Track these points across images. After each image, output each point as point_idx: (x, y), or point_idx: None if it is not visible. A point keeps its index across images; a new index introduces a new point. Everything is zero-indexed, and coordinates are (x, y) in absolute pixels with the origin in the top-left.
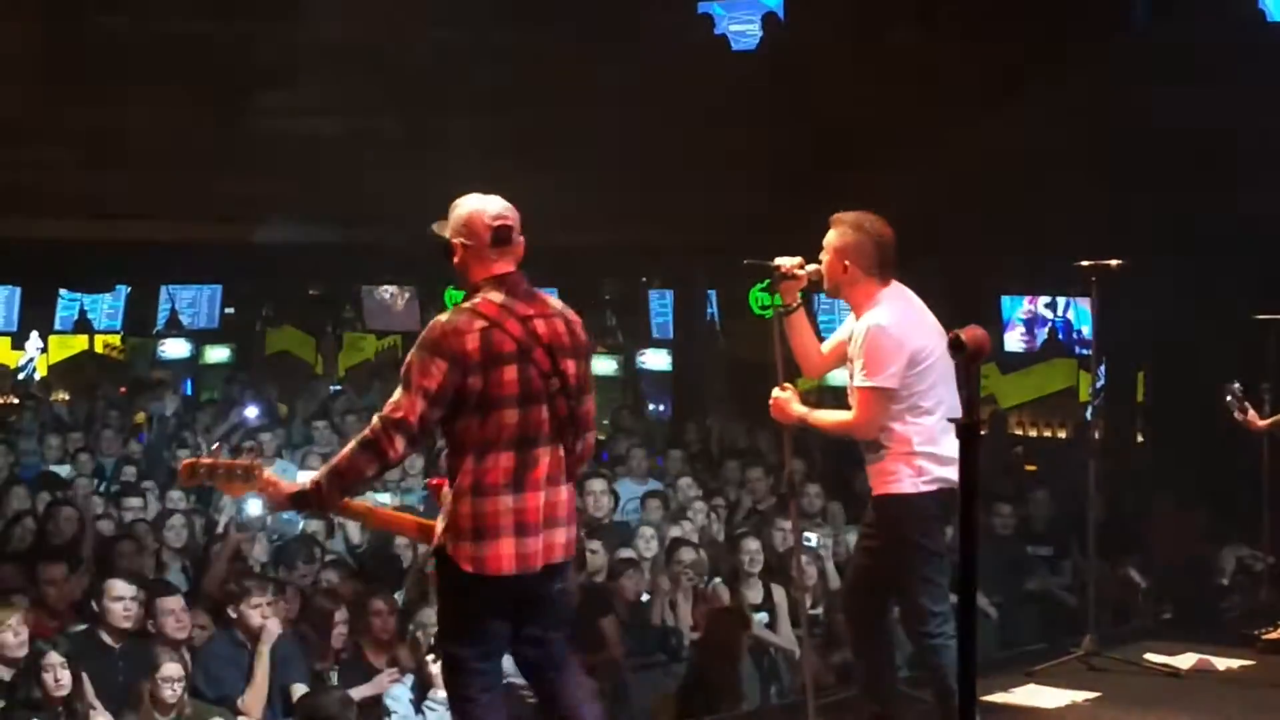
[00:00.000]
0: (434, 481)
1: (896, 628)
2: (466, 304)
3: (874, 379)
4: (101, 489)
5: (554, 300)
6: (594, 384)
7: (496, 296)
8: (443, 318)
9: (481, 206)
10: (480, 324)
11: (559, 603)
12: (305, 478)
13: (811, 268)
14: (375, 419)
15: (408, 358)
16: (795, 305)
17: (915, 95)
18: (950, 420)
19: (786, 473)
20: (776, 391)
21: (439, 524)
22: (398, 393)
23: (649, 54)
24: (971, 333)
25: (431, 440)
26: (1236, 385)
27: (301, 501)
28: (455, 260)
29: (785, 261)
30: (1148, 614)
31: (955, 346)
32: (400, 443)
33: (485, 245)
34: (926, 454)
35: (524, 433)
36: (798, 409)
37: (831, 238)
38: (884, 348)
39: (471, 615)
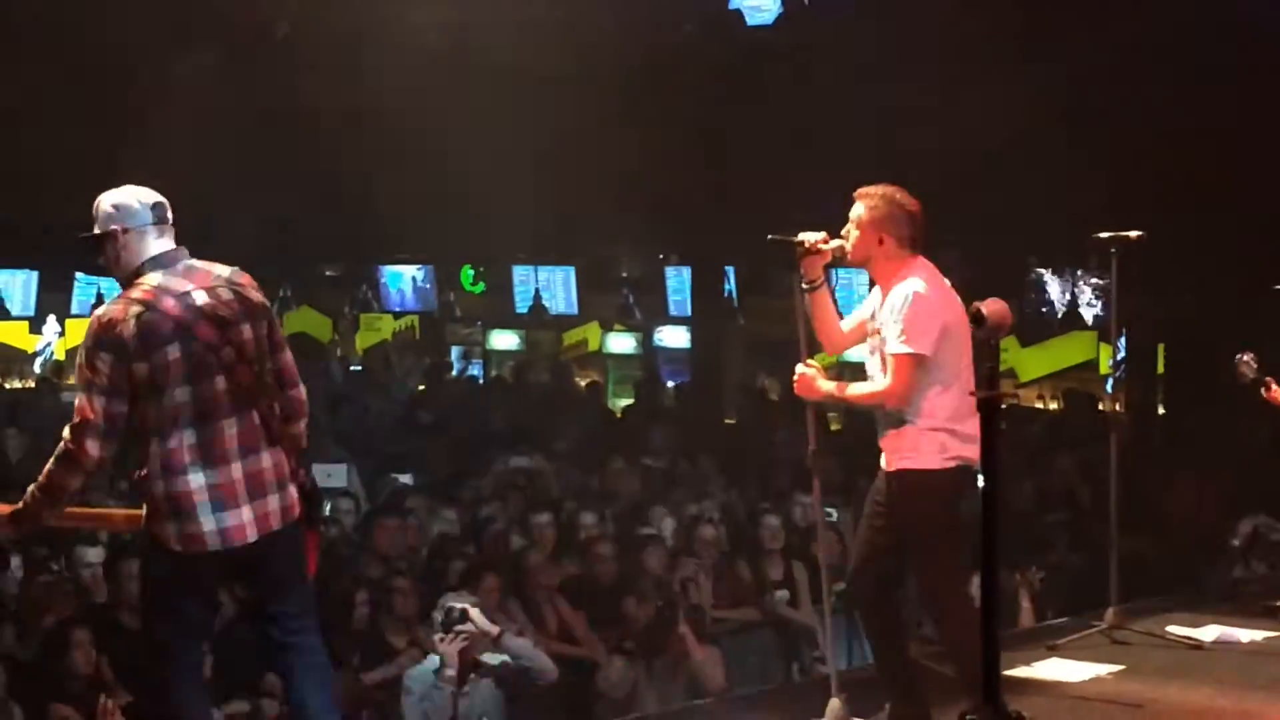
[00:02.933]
0: (135, 475)
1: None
2: (126, 291)
3: (913, 345)
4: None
5: (219, 268)
6: (284, 342)
7: (154, 278)
8: (100, 310)
9: (129, 191)
10: (135, 309)
11: (286, 572)
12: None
13: (835, 243)
14: (64, 430)
15: (77, 359)
16: (819, 281)
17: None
18: (972, 394)
19: (810, 449)
20: (801, 367)
21: (143, 510)
22: (77, 397)
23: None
24: (993, 305)
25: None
26: (1249, 356)
27: (17, 520)
28: (115, 250)
29: (809, 237)
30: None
31: (976, 319)
32: (91, 444)
33: (147, 225)
34: (949, 430)
35: (201, 408)
36: (824, 385)
37: (861, 211)
38: (924, 314)
39: (178, 594)
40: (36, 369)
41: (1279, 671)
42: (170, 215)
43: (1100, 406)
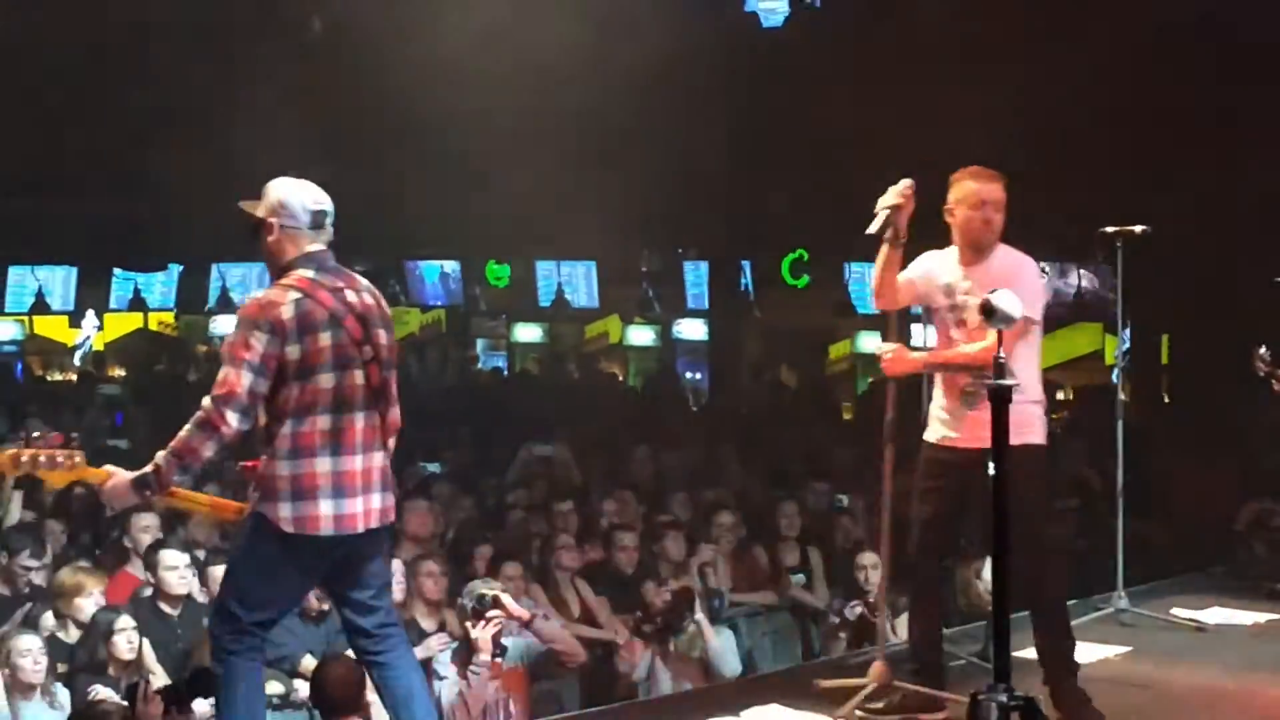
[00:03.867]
0: (247, 465)
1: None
2: (280, 280)
3: (1031, 310)
4: None
5: (361, 277)
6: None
7: (308, 272)
8: (257, 293)
9: (299, 190)
10: (294, 295)
11: (378, 566)
12: None
13: (895, 195)
14: (205, 399)
15: (228, 337)
16: (904, 238)
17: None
18: (989, 385)
19: (888, 422)
20: (885, 346)
21: (253, 491)
22: (222, 370)
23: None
24: (1002, 297)
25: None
26: (1264, 350)
27: (142, 485)
28: (269, 239)
29: (893, 197)
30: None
31: (987, 311)
32: (232, 417)
33: (303, 226)
34: (1043, 406)
35: (339, 397)
36: (917, 355)
37: (1000, 193)
38: (1038, 283)
39: (277, 578)
40: (76, 361)
41: None
42: (329, 221)
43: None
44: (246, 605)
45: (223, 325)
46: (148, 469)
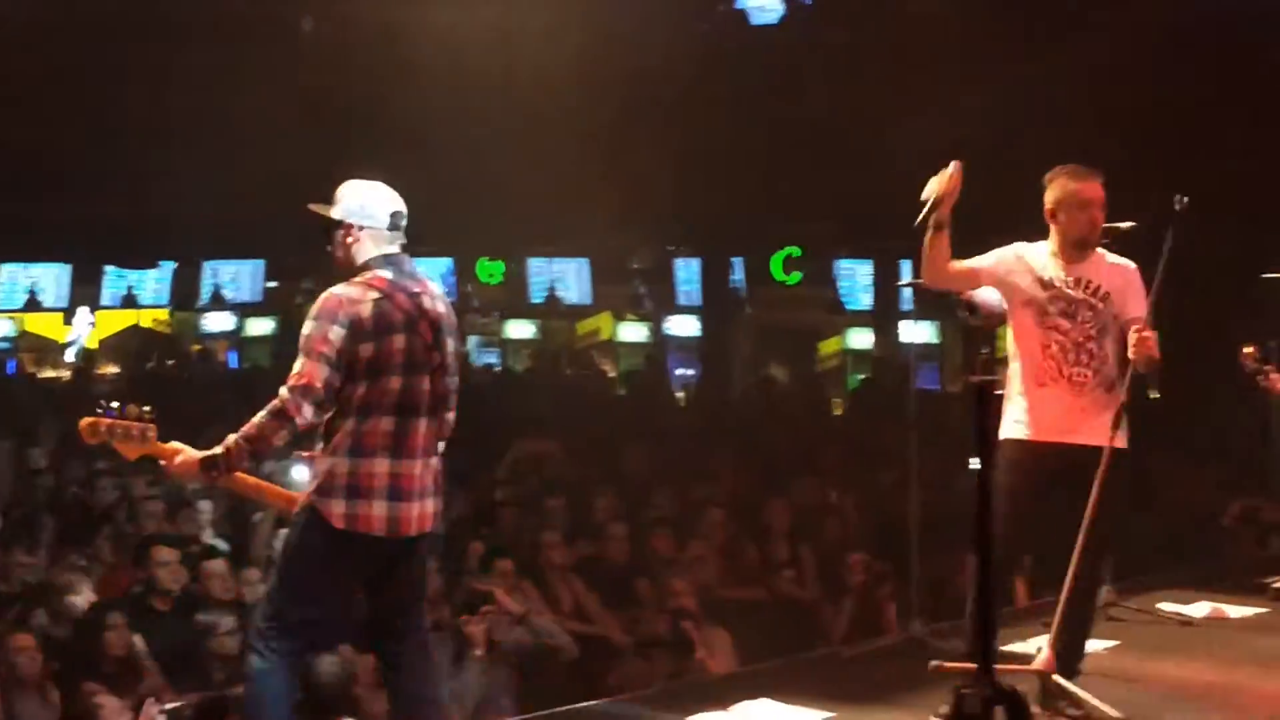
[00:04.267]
0: (307, 454)
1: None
2: (358, 279)
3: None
4: None
5: (434, 284)
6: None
7: (386, 273)
8: (337, 289)
9: (377, 191)
10: (373, 295)
11: (420, 574)
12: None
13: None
14: (282, 389)
15: (305, 328)
16: (947, 225)
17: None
18: (974, 380)
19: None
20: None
21: (309, 484)
22: (299, 361)
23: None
24: (985, 295)
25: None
26: (1252, 348)
27: (210, 466)
28: (345, 241)
29: (938, 184)
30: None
31: (970, 308)
32: (307, 409)
33: (382, 228)
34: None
35: (406, 400)
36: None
37: (1101, 190)
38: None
39: (326, 574)
40: (69, 358)
41: (1268, 647)
42: (404, 222)
43: None
44: (294, 600)
45: (214, 322)
46: (217, 450)
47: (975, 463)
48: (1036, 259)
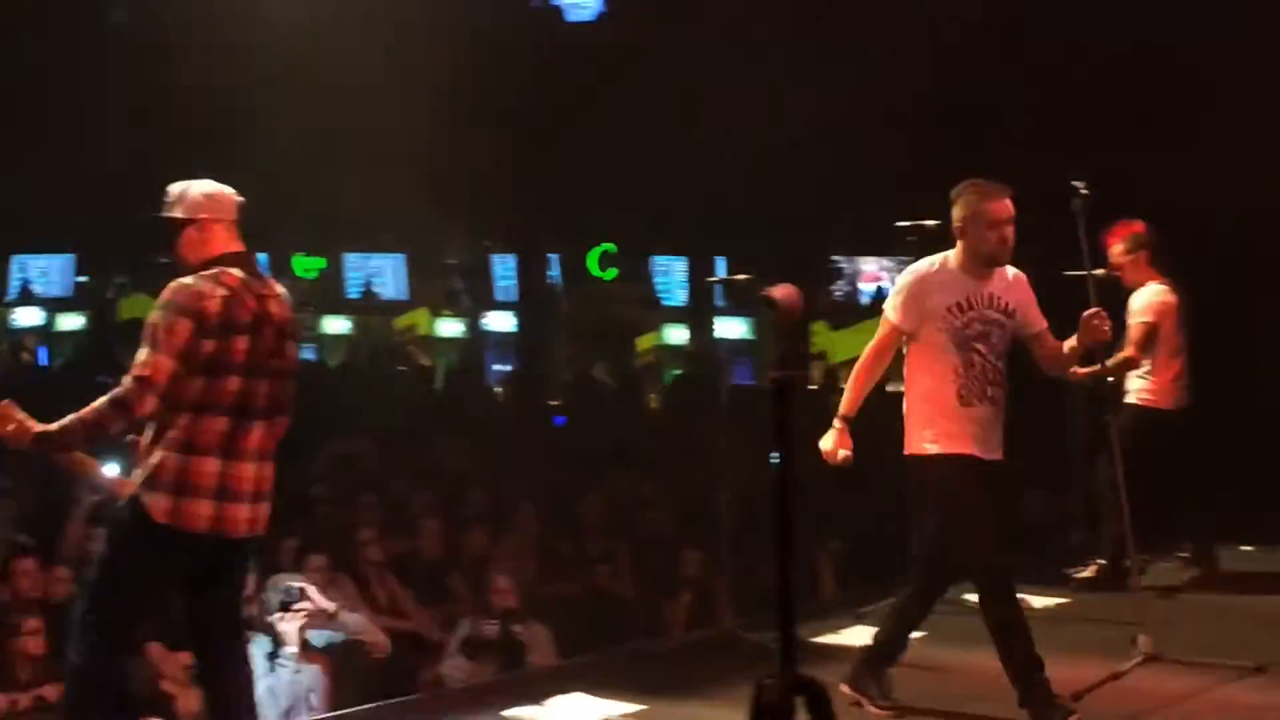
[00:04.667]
0: (135, 440)
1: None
2: (209, 272)
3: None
4: None
5: (279, 286)
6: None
7: (237, 271)
8: (187, 280)
9: (220, 187)
10: (223, 292)
11: (243, 572)
12: None
13: None
14: (127, 378)
15: (151, 318)
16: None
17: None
18: (775, 375)
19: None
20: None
21: (135, 476)
22: (144, 352)
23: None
24: (784, 290)
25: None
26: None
27: (44, 440)
28: (197, 236)
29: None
30: None
31: (768, 304)
32: (150, 401)
33: (230, 221)
34: None
35: (243, 401)
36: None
37: (1012, 208)
38: None
39: (147, 568)
40: None
41: (1074, 636)
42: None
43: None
44: (114, 594)
45: (23, 317)
46: (53, 427)
47: (775, 456)
48: (943, 279)
